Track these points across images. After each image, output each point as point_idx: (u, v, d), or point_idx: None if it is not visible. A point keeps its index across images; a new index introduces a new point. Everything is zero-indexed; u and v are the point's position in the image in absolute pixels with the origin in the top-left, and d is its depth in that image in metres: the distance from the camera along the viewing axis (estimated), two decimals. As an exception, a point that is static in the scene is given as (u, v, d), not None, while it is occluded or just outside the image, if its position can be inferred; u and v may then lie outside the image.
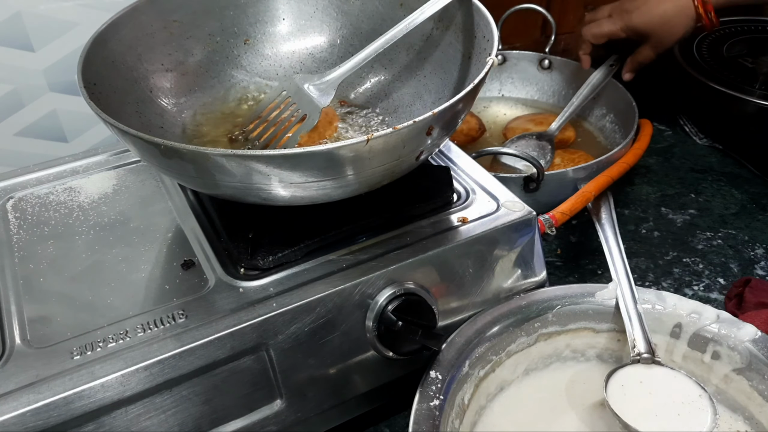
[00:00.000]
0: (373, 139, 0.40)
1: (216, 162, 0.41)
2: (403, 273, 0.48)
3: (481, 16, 0.54)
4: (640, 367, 0.49)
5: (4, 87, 0.73)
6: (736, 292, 0.63)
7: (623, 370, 0.49)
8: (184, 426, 0.43)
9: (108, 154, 0.63)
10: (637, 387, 0.47)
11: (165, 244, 0.51)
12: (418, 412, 0.43)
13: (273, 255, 0.48)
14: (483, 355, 0.49)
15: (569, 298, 0.53)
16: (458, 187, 0.57)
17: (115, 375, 0.41)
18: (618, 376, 0.48)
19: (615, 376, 0.48)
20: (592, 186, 0.70)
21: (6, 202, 0.57)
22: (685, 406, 0.46)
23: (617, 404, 0.46)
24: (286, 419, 0.46)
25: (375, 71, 0.63)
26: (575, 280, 0.62)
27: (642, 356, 0.49)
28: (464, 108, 0.48)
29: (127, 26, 0.56)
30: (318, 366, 0.47)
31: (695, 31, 0.82)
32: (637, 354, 0.49)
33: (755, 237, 0.73)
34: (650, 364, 0.49)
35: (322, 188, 0.44)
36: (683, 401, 0.46)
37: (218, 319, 0.44)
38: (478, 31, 0.54)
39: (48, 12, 0.71)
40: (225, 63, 0.63)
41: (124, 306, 0.46)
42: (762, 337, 0.49)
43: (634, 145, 0.79)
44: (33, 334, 0.44)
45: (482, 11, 0.54)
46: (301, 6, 0.64)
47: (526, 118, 0.91)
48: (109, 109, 0.45)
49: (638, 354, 0.49)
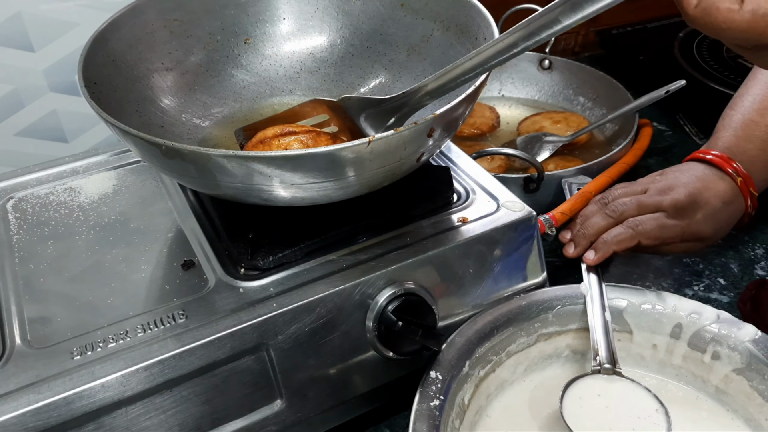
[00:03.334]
0: (374, 140, 0.40)
1: (217, 162, 0.41)
2: (404, 273, 0.48)
3: (482, 16, 0.54)
4: (599, 379, 0.48)
5: (4, 87, 0.73)
6: (750, 295, 0.62)
7: (582, 381, 0.48)
8: (184, 426, 0.43)
9: (108, 154, 0.63)
10: (594, 399, 0.47)
11: (165, 245, 0.51)
12: (418, 413, 0.43)
13: (273, 255, 0.48)
14: (483, 355, 0.49)
15: (569, 299, 0.53)
16: (458, 187, 0.57)
17: (115, 375, 0.41)
18: (576, 387, 0.47)
19: (573, 386, 0.47)
20: (593, 186, 0.70)
21: (6, 202, 0.57)
22: (640, 421, 0.45)
23: (571, 416, 0.45)
24: (286, 419, 0.46)
25: (376, 72, 0.63)
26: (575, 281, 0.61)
27: (603, 367, 0.48)
28: (466, 109, 0.48)
29: (127, 25, 0.56)
30: (318, 366, 0.47)
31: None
32: (598, 364, 0.49)
33: (755, 237, 0.73)
34: (611, 375, 0.48)
35: (323, 189, 0.44)
36: (639, 416, 0.45)
37: (218, 319, 0.44)
38: (479, 32, 0.54)
39: (48, 12, 0.71)
40: (225, 62, 0.63)
41: (124, 306, 0.46)
42: (762, 337, 0.49)
43: (634, 146, 0.79)
44: (33, 334, 0.44)
45: (482, 11, 0.54)
46: (301, 5, 0.64)
47: (544, 116, 0.90)
48: (109, 109, 0.45)
49: (599, 364, 0.49)
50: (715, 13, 0.39)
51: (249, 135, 0.54)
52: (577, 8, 0.39)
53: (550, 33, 0.41)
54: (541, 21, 0.41)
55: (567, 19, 0.40)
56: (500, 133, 0.89)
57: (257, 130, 0.53)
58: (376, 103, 0.51)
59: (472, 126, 0.88)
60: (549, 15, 0.41)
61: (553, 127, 0.87)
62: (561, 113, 0.91)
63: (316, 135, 0.50)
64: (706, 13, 0.39)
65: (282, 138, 0.49)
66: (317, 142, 0.49)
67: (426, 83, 0.48)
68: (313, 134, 0.49)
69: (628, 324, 0.52)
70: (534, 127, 0.88)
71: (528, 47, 0.42)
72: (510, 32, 0.43)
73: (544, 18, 0.41)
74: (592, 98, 0.91)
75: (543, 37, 0.42)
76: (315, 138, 0.49)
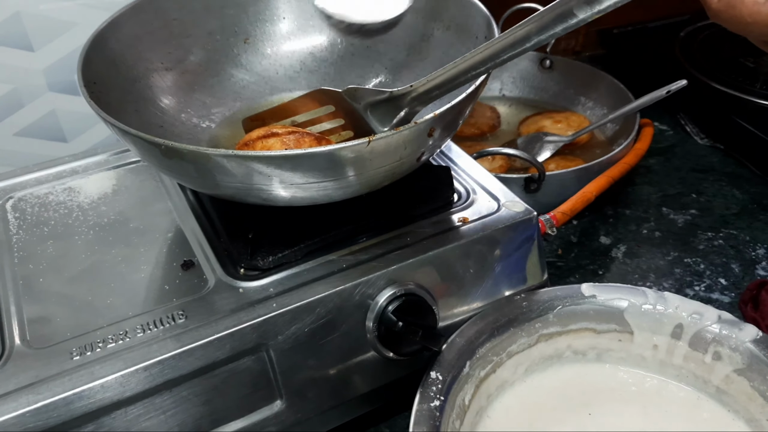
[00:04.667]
0: (374, 140, 0.40)
1: (216, 162, 0.41)
2: (404, 273, 0.48)
3: (482, 15, 0.54)
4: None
5: (4, 87, 0.73)
6: (751, 296, 0.62)
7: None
8: (183, 426, 0.43)
9: (108, 154, 0.62)
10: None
11: (165, 245, 0.51)
12: (418, 413, 0.43)
13: (273, 255, 0.48)
14: (484, 355, 0.49)
15: (570, 299, 0.52)
16: (459, 187, 0.56)
17: (115, 375, 0.41)
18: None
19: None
20: (593, 186, 0.70)
21: (6, 202, 0.57)
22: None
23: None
24: (286, 420, 0.46)
25: (376, 72, 0.63)
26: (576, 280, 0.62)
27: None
28: (466, 109, 0.47)
29: (127, 25, 0.56)
30: (318, 367, 0.47)
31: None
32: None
33: (756, 237, 0.73)
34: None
35: (322, 189, 0.44)
36: None
37: (218, 319, 0.44)
38: (479, 31, 0.54)
39: (48, 12, 0.71)
40: (225, 62, 0.62)
41: (123, 306, 0.46)
42: (763, 337, 0.49)
43: (635, 146, 0.79)
44: (33, 335, 0.44)
45: (483, 11, 0.54)
46: (301, 5, 0.64)
47: (545, 116, 0.90)
48: (109, 109, 0.45)
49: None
50: (739, 6, 0.37)
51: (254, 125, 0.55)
52: (593, 1, 0.38)
53: (564, 27, 0.39)
54: (555, 13, 0.39)
55: (582, 12, 0.38)
56: (501, 133, 0.89)
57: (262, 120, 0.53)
58: (382, 96, 0.49)
59: (473, 126, 0.88)
60: (564, 7, 0.39)
61: (553, 126, 0.87)
62: (562, 113, 0.91)
63: (300, 136, 0.49)
64: (730, 5, 0.37)
65: (265, 140, 0.49)
66: (299, 144, 0.48)
67: (434, 76, 0.46)
68: (297, 135, 0.49)
69: (629, 324, 0.52)
70: (535, 127, 0.88)
71: (541, 41, 0.41)
72: (522, 25, 0.41)
73: (559, 10, 0.39)
74: (593, 98, 0.91)
75: (557, 32, 0.40)
76: (298, 140, 0.49)
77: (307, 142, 0.49)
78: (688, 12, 1.09)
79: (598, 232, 0.74)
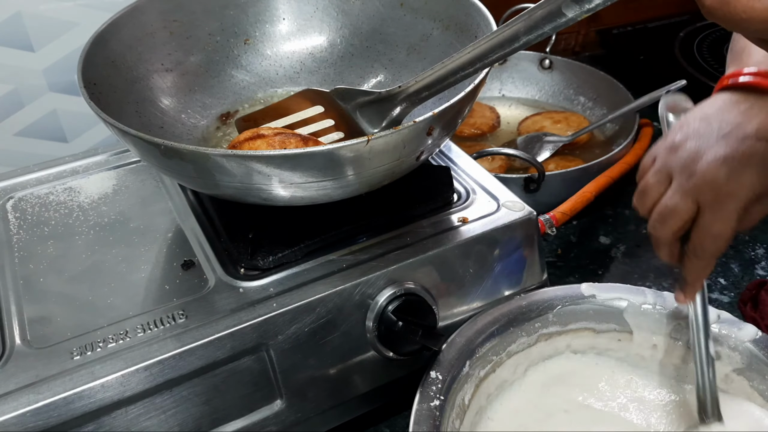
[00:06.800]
0: (373, 139, 0.40)
1: (216, 162, 0.41)
2: (404, 273, 0.48)
3: (482, 15, 0.54)
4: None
5: (4, 87, 0.73)
6: (750, 295, 0.62)
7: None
8: (184, 426, 0.43)
9: (108, 154, 0.62)
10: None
11: (165, 245, 0.51)
12: (418, 413, 0.43)
13: (273, 255, 0.48)
14: (483, 355, 0.49)
15: (569, 299, 0.52)
16: (458, 187, 0.57)
17: (115, 375, 0.41)
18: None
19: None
20: (593, 186, 0.70)
21: (6, 202, 0.57)
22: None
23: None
24: (286, 419, 0.46)
25: (375, 72, 0.63)
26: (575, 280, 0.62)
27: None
28: (465, 108, 0.47)
29: (127, 26, 0.56)
30: (318, 366, 0.47)
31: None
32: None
33: (756, 237, 0.72)
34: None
35: (322, 188, 0.44)
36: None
37: (218, 319, 0.44)
38: (478, 31, 0.54)
39: (48, 12, 0.71)
40: (225, 63, 0.63)
41: (124, 306, 0.46)
42: (762, 337, 0.49)
43: (635, 145, 0.79)
44: (33, 334, 0.44)
45: (482, 11, 0.54)
46: (301, 6, 0.64)
47: (544, 116, 0.90)
48: (109, 109, 0.45)
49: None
50: (733, 2, 0.35)
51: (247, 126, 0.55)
52: (582, 0, 0.37)
53: (554, 26, 0.39)
54: (543, 12, 0.39)
55: (571, 11, 0.38)
56: (500, 133, 0.89)
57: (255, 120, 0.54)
58: (371, 96, 0.49)
59: (473, 126, 0.88)
60: (552, 6, 0.38)
61: (553, 126, 0.87)
62: (561, 113, 0.91)
63: (285, 137, 0.49)
64: (724, 2, 0.36)
65: (251, 141, 0.49)
66: (284, 145, 0.48)
67: (422, 77, 0.46)
68: (282, 137, 0.49)
69: (629, 324, 0.52)
70: (534, 127, 0.88)
71: (530, 41, 0.40)
72: (510, 24, 0.40)
73: (547, 9, 0.38)
74: (593, 98, 0.91)
75: (546, 31, 0.39)
76: (283, 141, 0.49)
77: (293, 143, 0.48)
78: (688, 12, 1.09)
79: (597, 232, 0.74)
